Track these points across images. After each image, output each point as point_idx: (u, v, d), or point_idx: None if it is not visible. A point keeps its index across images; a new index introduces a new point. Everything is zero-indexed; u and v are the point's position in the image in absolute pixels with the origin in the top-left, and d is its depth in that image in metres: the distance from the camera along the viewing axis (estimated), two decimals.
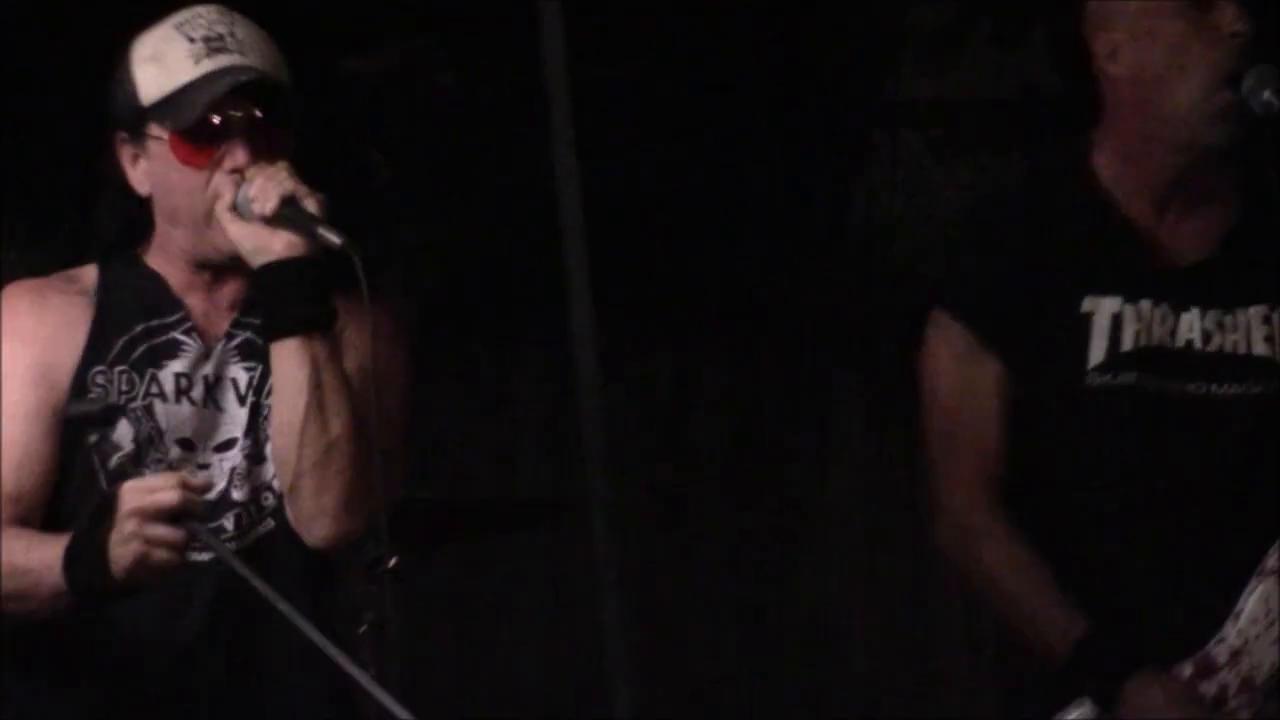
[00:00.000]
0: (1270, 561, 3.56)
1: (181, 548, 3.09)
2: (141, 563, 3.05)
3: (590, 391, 5.01)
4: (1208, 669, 3.56)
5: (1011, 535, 3.57)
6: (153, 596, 3.17)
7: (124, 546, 3.06)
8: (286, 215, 3.20)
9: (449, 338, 5.84)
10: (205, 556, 3.21)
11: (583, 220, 5.02)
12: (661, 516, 5.61)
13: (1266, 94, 3.40)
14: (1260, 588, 3.56)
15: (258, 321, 3.33)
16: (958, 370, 3.60)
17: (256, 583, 3.01)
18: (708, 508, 5.80)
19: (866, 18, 5.79)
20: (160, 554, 3.05)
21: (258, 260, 3.23)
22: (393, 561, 3.82)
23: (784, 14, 5.55)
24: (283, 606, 2.98)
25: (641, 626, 5.21)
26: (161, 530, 3.04)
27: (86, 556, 3.11)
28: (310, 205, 3.20)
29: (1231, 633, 3.58)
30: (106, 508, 3.14)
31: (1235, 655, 3.58)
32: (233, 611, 3.20)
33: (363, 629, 4.09)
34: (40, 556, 3.18)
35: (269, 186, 3.21)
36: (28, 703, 3.32)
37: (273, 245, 3.21)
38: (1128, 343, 3.55)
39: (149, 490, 3.10)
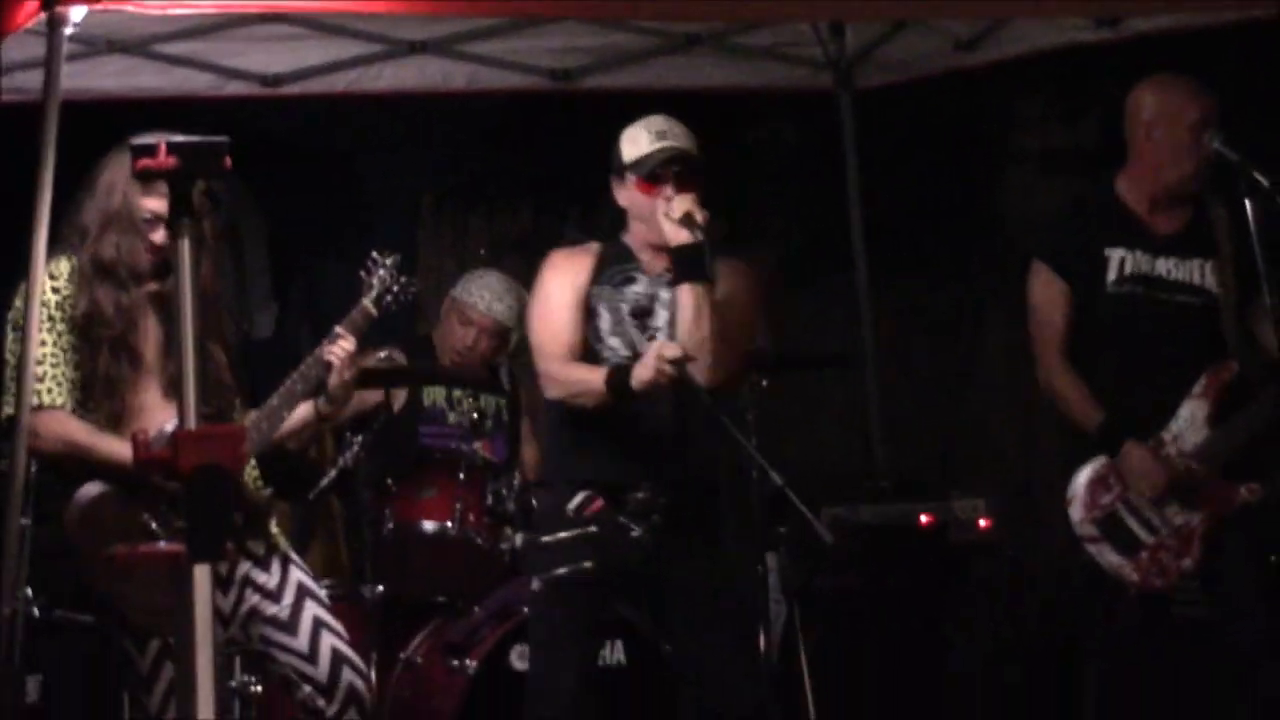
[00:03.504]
0: (1195, 389, 4.78)
1: (672, 376, 4.30)
2: (653, 381, 4.36)
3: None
4: (1159, 444, 4.79)
5: (1069, 373, 4.80)
6: (650, 394, 4.39)
7: (647, 372, 4.36)
8: (686, 221, 4.44)
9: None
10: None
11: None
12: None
13: (1216, 143, 4.59)
14: (1188, 403, 4.77)
15: (670, 272, 4.50)
16: (1044, 289, 4.86)
17: (699, 390, 4.36)
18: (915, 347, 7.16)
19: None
20: (662, 377, 4.35)
21: (673, 244, 4.45)
22: (765, 382, 5.41)
23: None
24: (708, 400, 4.35)
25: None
26: (666, 368, 4.34)
27: (620, 377, 4.41)
28: (698, 217, 4.42)
29: (1173, 427, 4.80)
30: (628, 362, 4.35)
31: (1174, 439, 4.80)
32: (682, 405, 4.43)
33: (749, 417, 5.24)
34: (593, 376, 4.50)
35: (679, 206, 4.44)
36: (580, 452, 4.57)
37: (678, 237, 4.43)
38: (1129, 270, 4.79)
39: (662, 346, 4.39)
